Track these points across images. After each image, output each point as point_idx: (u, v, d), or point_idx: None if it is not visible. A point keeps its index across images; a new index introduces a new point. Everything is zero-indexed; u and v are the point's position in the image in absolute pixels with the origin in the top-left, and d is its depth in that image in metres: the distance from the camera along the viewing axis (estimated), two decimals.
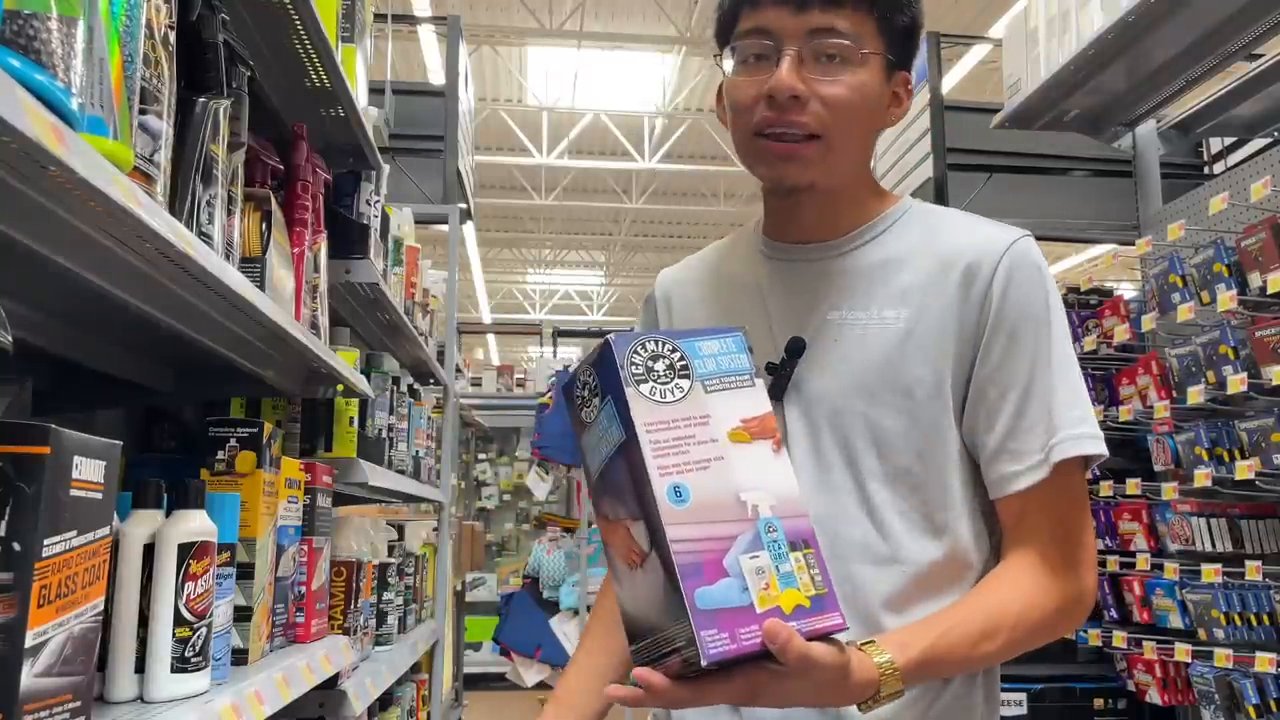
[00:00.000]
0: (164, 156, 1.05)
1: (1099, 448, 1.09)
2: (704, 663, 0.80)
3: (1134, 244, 3.49)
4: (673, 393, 0.89)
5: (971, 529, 1.12)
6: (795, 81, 1.08)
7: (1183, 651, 2.91)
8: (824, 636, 0.87)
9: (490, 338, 15.92)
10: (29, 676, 0.80)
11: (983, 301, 1.10)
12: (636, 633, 0.89)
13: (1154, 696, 3.16)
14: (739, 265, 1.26)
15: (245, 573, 1.38)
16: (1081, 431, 1.08)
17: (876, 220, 1.18)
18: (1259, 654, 2.63)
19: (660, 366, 0.90)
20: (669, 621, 0.83)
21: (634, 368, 0.89)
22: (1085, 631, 3.33)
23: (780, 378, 1.14)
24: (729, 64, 1.15)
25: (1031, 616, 1.05)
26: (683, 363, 0.91)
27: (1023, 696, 3.33)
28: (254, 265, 1.47)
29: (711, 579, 0.83)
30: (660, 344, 0.91)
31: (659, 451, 0.86)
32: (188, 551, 1.14)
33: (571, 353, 9.64)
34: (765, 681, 0.88)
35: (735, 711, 1.12)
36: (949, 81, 7.95)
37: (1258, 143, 3.82)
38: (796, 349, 1.13)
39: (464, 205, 4.14)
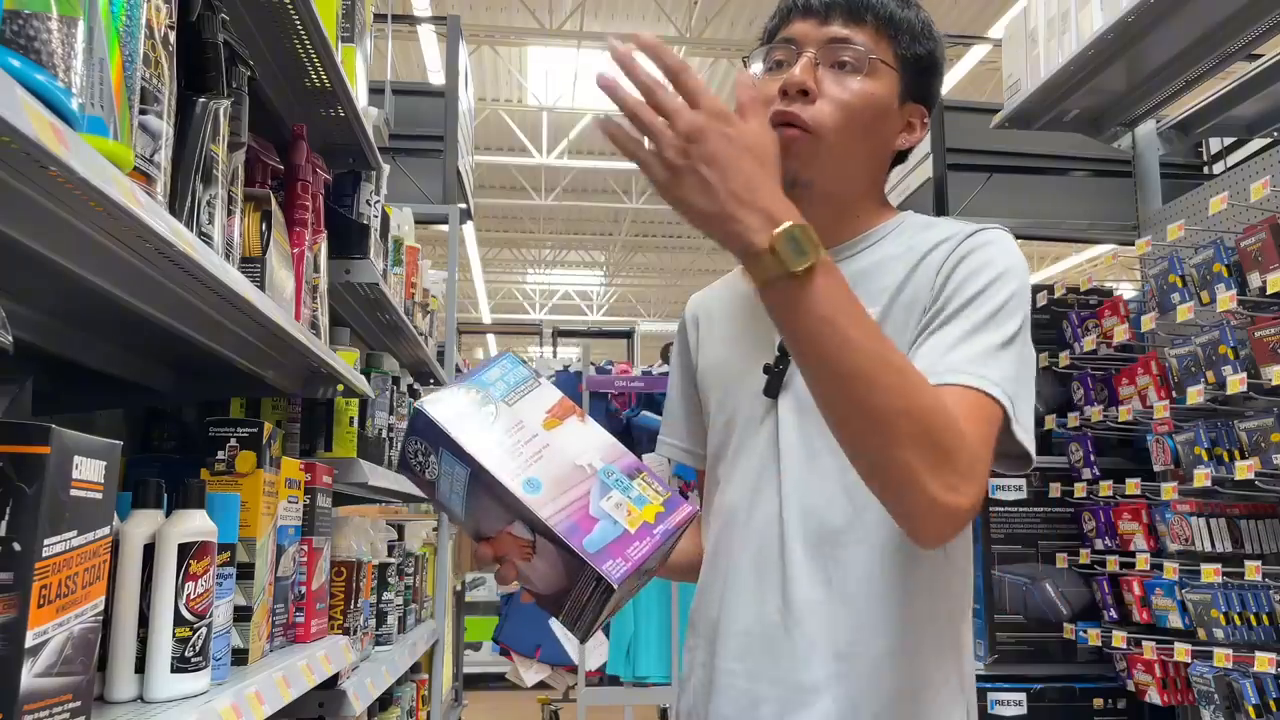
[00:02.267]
0: (164, 156, 1.05)
1: (993, 390, 1.03)
2: (615, 586, 0.97)
3: (1134, 244, 3.48)
4: (486, 419, 1.06)
5: None
6: (806, 77, 1.16)
7: (1182, 651, 2.91)
8: (684, 529, 1.06)
9: (490, 338, 15.91)
10: (29, 676, 0.80)
11: (934, 278, 1.15)
12: (558, 604, 1.04)
13: (1154, 696, 3.16)
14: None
15: (245, 573, 1.38)
16: (982, 373, 1.04)
17: (873, 231, 1.25)
18: (1259, 654, 2.63)
19: (467, 406, 1.07)
20: (577, 577, 1.00)
21: (448, 418, 1.05)
22: (1085, 632, 3.33)
23: (774, 377, 1.21)
24: (757, 67, 1.23)
25: (922, 387, 0.97)
26: (481, 394, 1.08)
27: (1022, 696, 3.33)
28: (254, 265, 1.47)
29: (588, 529, 1.00)
30: (457, 390, 1.08)
31: (500, 464, 1.03)
32: (188, 551, 1.14)
33: (571, 353, 9.63)
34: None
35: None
36: (949, 81, 7.95)
37: (1257, 143, 3.82)
38: (787, 351, 1.17)
39: (464, 205, 4.14)
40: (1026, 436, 1.07)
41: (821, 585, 1.14)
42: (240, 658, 1.37)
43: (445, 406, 1.06)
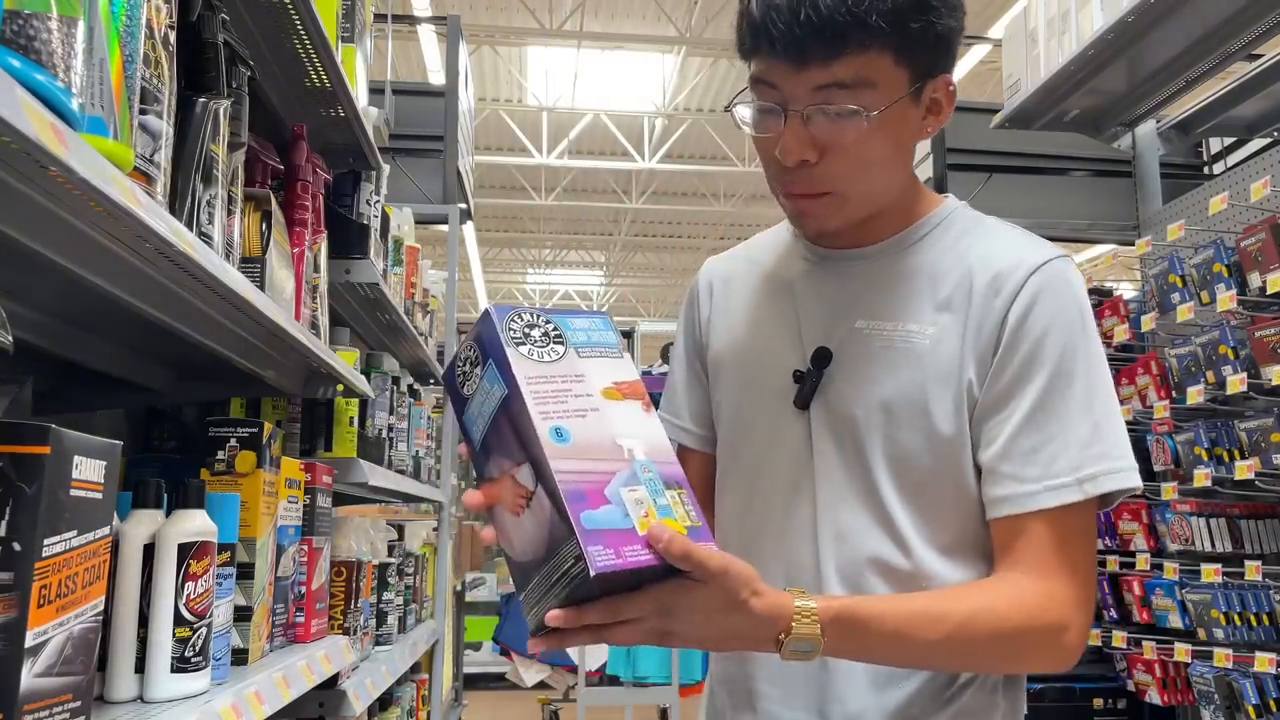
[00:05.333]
0: (164, 156, 1.05)
1: (1118, 483, 1.03)
2: (592, 573, 0.84)
3: (1134, 244, 3.49)
4: (550, 354, 0.95)
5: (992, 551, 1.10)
6: (800, 151, 1.04)
7: (1182, 651, 2.91)
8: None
9: None
10: (29, 676, 0.80)
11: (1003, 317, 1.06)
12: (527, 578, 0.92)
13: (1154, 696, 3.16)
14: (777, 264, 1.24)
15: (245, 573, 1.38)
16: (1098, 470, 1.02)
17: (913, 227, 1.15)
18: (1259, 654, 2.63)
19: (537, 333, 0.96)
20: (558, 548, 0.87)
21: (512, 332, 0.95)
22: None
23: (806, 387, 1.12)
24: (744, 112, 1.09)
25: (989, 619, 1.00)
26: (557, 332, 0.97)
27: None
28: (254, 265, 1.47)
29: (595, 504, 0.88)
30: (536, 315, 0.98)
31: (539, 400, 0.92)
32: (188, 551, 1.14)
33: None
34: (673, 593, 0.90)
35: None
36: None
37: (1258, 143, 3.82)
38: (822, 360, 1.12)
39: (464, 205, 4.14)
40: (1131, 480, 1.04)
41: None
42: (240, 658, 1.37)
43: (516, 321, 0.95)
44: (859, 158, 1.04)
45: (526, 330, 0.95)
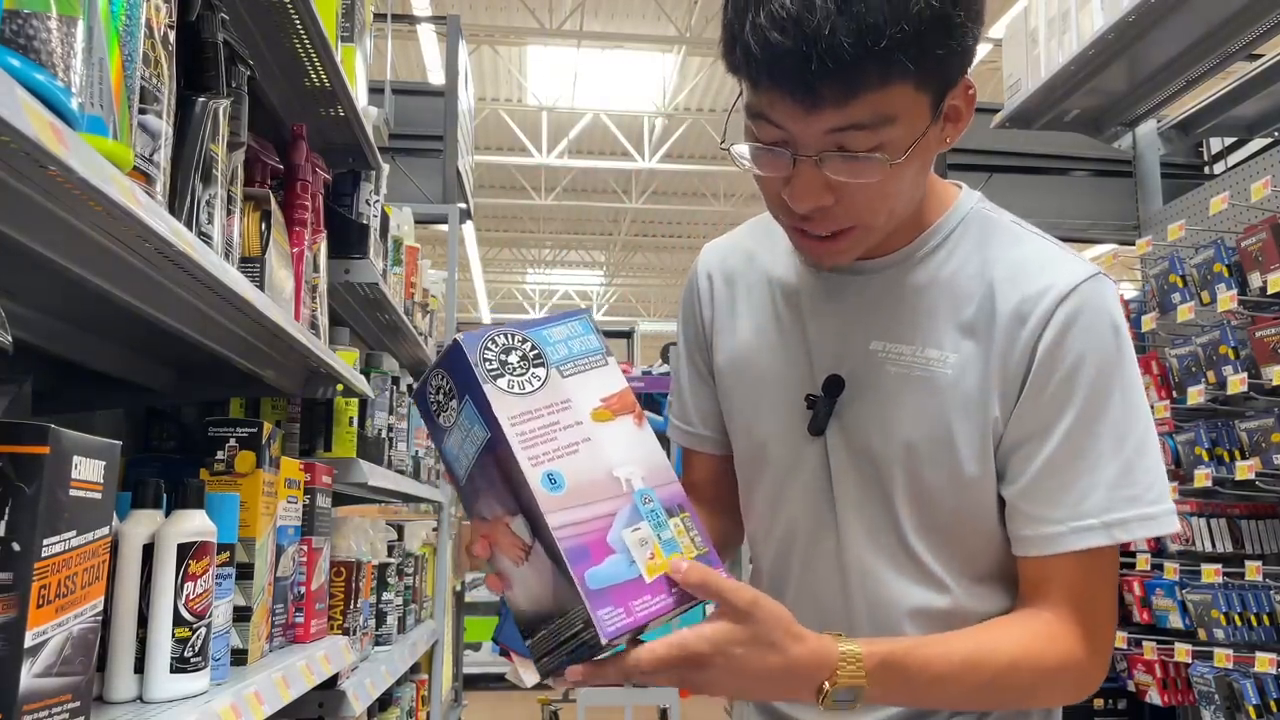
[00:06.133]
0: (164, 156, 1.05)
1: (1150, 530, 0.99)
2: (603, 640, 0.81)
3: (1134, 244, 3.49)
4: (530, 383, 0.89)
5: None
6: (816, 198, 0.94)
7: (1183, 652, 2.91)
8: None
9: None
10: (28, 676, 0.80)
11: (1031, 348, 0.99)
12: (533, 627, 0.88)
13: (1154, 697, 3.16)
14: (780, 267, 1.15)
15: (245, 573, 1.38)
16: (1129, 515, 0.98)
17: (929, 232, 1.06)
18: (1259, 654, 2.63)
19: (514, 359, 0.89)
20: (565, 607, 0.83)
21: (488, 364, 0.88)
22: None
23: (820, 415, 1.06)
24: (742, 149, 0.98)
25: (1026, 665, 0.97)
26: (535, 352, 0.91)
27: None
28: (253, 265, 1.47)
29: (599, 558, 0.84)
30: (510, 336, 0.90)
31: (527, 443, 0.85)
32: (187, 551, 1.14)
33: None
34: (704, 637, 0.86)
35: None
36: None
37: (1258, 143, 3.82)
38: (834, 389, 1.06)
39: (464, 205, 4.14)
40: (1166, 525, 1.00)
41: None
42: (240, 658, 1.37)
43: (490, 349, 0.88)
44: (880, 193, 0.95)
45: (503, 358, 0.89)
